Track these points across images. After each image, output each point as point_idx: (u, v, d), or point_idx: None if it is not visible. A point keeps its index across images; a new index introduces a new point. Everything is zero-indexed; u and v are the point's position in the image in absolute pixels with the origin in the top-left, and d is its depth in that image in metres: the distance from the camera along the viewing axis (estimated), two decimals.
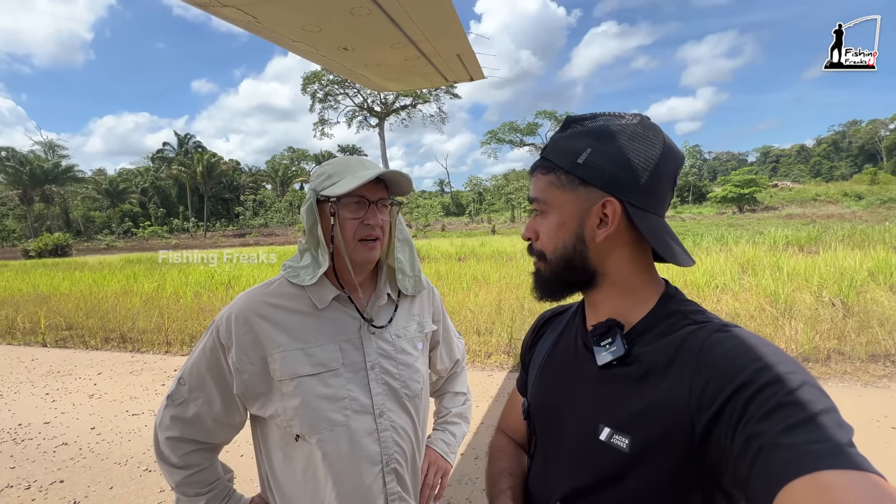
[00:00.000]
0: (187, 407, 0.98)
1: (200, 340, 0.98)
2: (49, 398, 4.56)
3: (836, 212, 32.62)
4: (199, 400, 0.97)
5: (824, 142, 74.54)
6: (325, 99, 40.01)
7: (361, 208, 0.94)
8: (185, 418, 0.98)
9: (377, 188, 0.97)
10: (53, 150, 54.68)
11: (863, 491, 0.40)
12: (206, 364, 0.96)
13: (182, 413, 0.98)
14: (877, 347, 4.69)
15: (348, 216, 0.94)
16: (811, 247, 12.16)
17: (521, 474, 0.80)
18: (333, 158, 1.01)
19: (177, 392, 0.98)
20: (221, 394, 0.96)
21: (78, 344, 6.79)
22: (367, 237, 0.95)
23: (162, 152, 59.01)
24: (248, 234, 46.14)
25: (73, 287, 11.22)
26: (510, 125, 54.86)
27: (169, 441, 0.98)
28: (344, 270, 0.98)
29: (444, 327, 1.23)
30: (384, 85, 4.22)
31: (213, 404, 0.97)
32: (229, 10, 2.45)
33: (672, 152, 0.64)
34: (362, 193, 0.94)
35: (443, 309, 1.22)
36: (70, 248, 31.48)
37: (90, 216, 51.97)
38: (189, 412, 0.97)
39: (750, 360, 0.52)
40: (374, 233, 0.95)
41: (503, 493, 0.76)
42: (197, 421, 0.98)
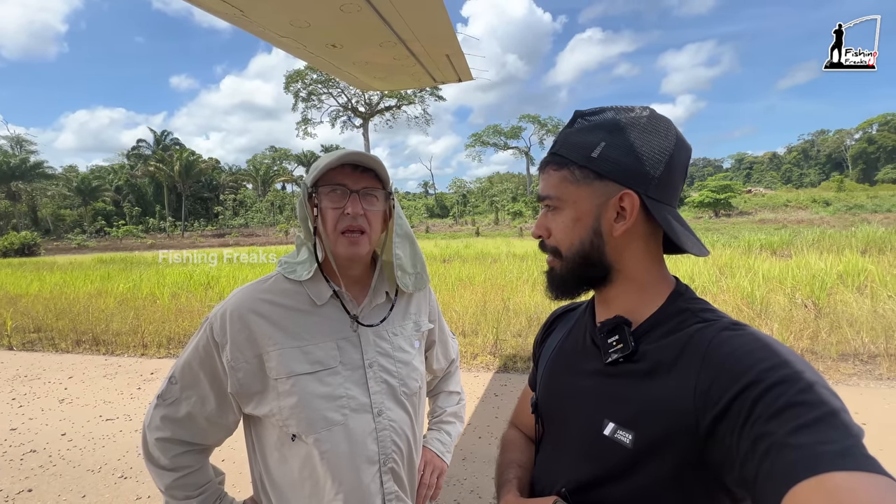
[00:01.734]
0: (179, 406, 0.93)
1: (193, 338, 0.95)
2: (16, 403, 4.35)
3: (806, 217, 33.92)
4: (191, 399, 0.93)
5: (794, 150, 77.55)
6: (308, 98, 39.59)
7: (343, 198, 0.90)
8: (176, 418, 0.93)
9: (362, 177, 0.92)
10: (21, 144, 52.48)
11: (872, 493, 0.40)
12: (200, 362, 0.92)
13: (173, 413, 0.93)
14: (846, 347, 4.88)
15: (328, 206, 0.90)
16: (784, 250, 12.60)
17: (529, 466, 0.80)
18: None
19: (168, 391, 0.94)
20: (215, 392, 0.93)
21: (47, 346, 6.50)
22: (349, 229, 0.90)
23: (137, 149, 57.25)
24: (227, 234, 45.12)
25: (42, 287, 10.75)
26: (494, 128, 55.33)
27: (159, 442, 0.93)
28: (329, 264, 0.95)
29: (440, 327, 1.22)
30: (372, 84, 4.19)
31: (207, 403, 0.93)
32: (214, 3, 2.39)
33: (683, 143, 0.64)
34: (342, 182, 0.90)
35: (438, 309, 1.21)
36: (38, 247, 30.23)
37: (60, 214, 49.93)
38: (181, 412, 0.93)
39: (757, 360, 0.51)
40: (355, 224, 0.90)
41: (509, 482, 0.76)
42: (189, 421, 0.94)
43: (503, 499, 0.74)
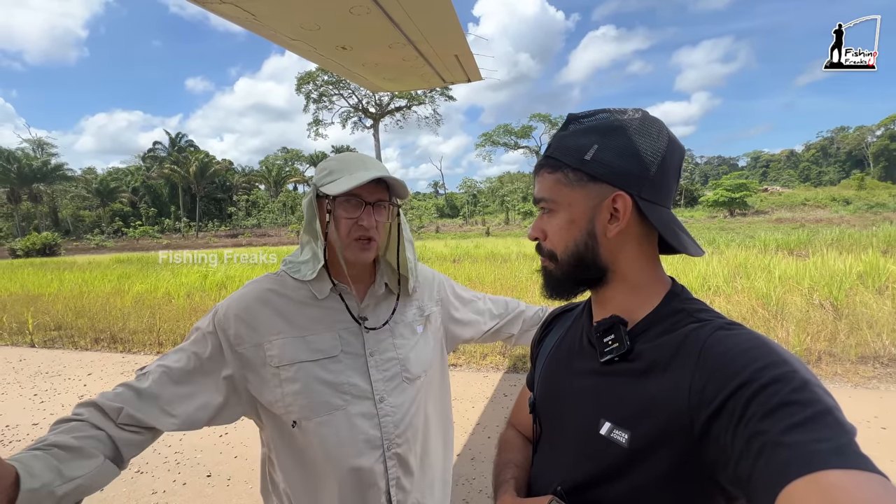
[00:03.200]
0: (147, 378, 0.85)
1: (197, 323, 0.96)
2: (37, 399, 4.48)
3: (825, 216, 33.14)
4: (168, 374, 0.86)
5: (813, 147, 75.79)
6: (319, 99, 39.94)
7: (357, 208, 0.94)
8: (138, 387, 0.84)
9: (376, 189, 0.97)
10: (42, 147, 53.93)
11: (865, 491, 0.40)
12: (198, 342, 0.91)
13: (138, 383, 0.84)
14: (866, 349, 4.76)
15: (343, 215, 0.95)
16: (801, 250, 12.33)
17: (527, 466, 0.81)
18: (338, 154, 1.01)
19: (146, 369, 0.88)
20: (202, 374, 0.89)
21: (67, 344, 6.68)
22: (361, 237, 0.96)
23: (153, 151, 58.44)
24: (240, 234, 45.82)
25: (62, 287, 11.05)
26: (504, 128, 55.14)
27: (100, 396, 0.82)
28: (336, 266, 0.99)
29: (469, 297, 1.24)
30: (381, 85, 4.22)
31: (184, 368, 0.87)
32: (227, 7, 2.43)
33: (676, 144, 0.65)
34: (359, 194, 0.94)
35: (452, 287, 1.22)
36: (58, 247, 31.07)
37: (79, 215, 51.25)
38: (146, 381, 0.85)
39: (752, 359, 0.52)
40: (367, 234, 0.96)
41: (506, 482, 0.77)
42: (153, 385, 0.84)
43: (500, 498, 0.74)
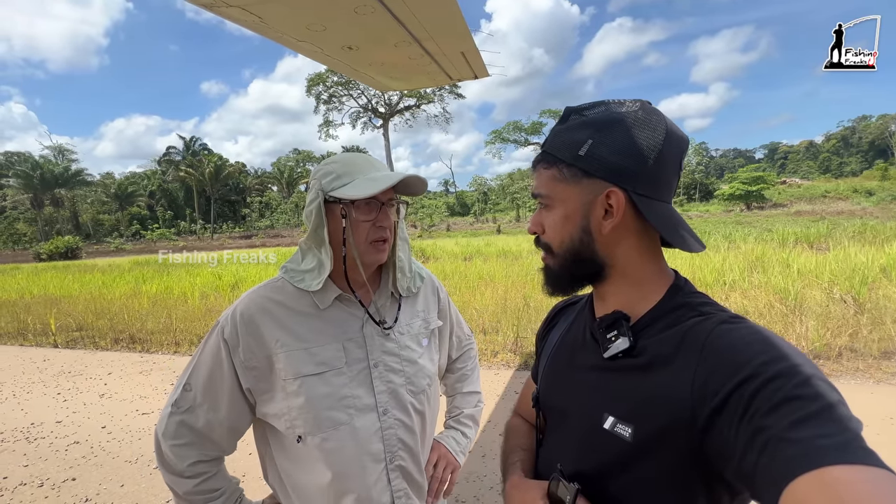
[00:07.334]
0: (194, 413, 0.94)
1: (203, 342, 0.96)
2: (61, 398, 4.62)
3: (846, 208, 32.18)
4: (205, 405, 0.94)
5: (833, 138, 73.62)
6: (329, 100, 40.17)
7: (374, 210, 0.93)
8: (192, 426, 0.94)
9: (387, 188, 0.95)
10: (63, 154, 55.44)
11: (871, 486, 0.39)
12: (213, 366, 0.93)
13: (189, 420, 0.94)
14: (889, 344, 4.62)
15: (361, 219, 0.93)
16: (821, 243, 12.00)
17: (533, 450, 0.81)
18: (337, 155, 0.98)
19: (183, 398, 0.94)
20: (230, 396, 0.93)
21: (88, 345, 6.86)
22: (378, 239, 0.94)
23: (168, 155, 59.61)
24: (254, 235, 46.47)
25: (83, 289, 11.36)
26: (514, 124, 54.74)
27: (175, 449, 0.93)
28: (354, 271, 0.96)
29: (456, 321, 1.23)
30: (389, 84, 4.22)
31: (221, 409, 0.94)
32: (234, 11, 2.46)
33: (675, 136, 0.63)
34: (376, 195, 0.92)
35: (450, 304, 1.21)
36: (80, 250, 31.89)
37: (99, 219, 52.56)
38: (197, 420, 0.94)
39: (755, 353, 0.51)
40: (385, 234, 0.95)
41: (514, 465, 0.78)
42: (206, 428, 0.94)
43: (509, 480, 0.75)
